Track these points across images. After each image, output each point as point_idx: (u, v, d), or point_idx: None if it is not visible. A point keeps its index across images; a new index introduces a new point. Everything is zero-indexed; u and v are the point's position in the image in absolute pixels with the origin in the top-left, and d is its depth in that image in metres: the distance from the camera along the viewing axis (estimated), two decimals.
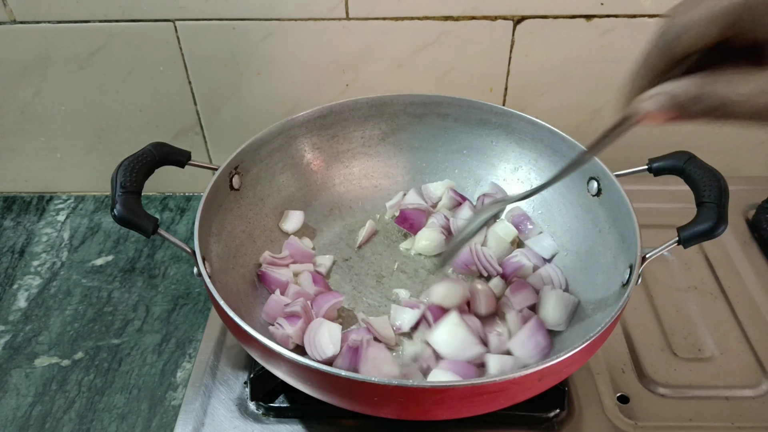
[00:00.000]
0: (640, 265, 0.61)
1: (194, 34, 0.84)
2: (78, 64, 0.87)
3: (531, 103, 0.92)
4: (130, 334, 0.79)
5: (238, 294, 0.71)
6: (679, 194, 0.71)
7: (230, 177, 0.74)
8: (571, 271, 0.76)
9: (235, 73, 0.88)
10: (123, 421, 0.69)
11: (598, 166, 0.72)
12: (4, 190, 1.02)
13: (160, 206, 0.99)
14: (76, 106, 0.91)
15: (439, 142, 0.87)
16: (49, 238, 0.93)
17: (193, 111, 0.92)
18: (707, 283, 0.82)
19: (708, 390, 0.70)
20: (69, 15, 0.82)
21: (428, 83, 0.90)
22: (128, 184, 0.62)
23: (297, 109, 0.85)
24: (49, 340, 0.78)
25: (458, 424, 0.62)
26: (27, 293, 0.84)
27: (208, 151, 0.97)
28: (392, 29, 0.84)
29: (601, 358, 0.72)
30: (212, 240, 0.69)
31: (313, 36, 0.85)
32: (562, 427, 0.66)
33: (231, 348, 0.74)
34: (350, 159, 0.87)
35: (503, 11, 0.83)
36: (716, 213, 0.60)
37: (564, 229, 0.79)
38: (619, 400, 0.69)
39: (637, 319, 0.77)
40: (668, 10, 0.38)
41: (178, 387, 0.72)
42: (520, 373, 0.51)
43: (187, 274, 0.87)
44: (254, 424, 0.66)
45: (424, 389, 0.51)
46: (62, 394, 0.72)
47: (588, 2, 0.82)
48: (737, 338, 0.75)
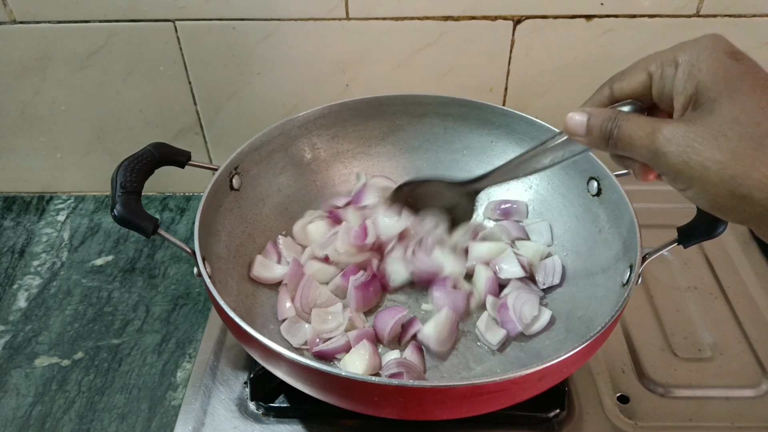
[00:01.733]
0: (640, 265, 0.61)
1: (194, 34, 0.84)
2: (78, 64, 0.87)
3: (531, 103, 0.92)
4: (130, 334, 0.79)
5: (238, 294, 0.71)
6: (679, 194, 0.71)
7: (230, 177, 0.74)
8: (571, 271, 0.76)
9: (235, 73, 0.88)
10: (123, 421, 0.69)
11: (598, 166, 0.72)
12: (4, 190, 1.02)
13: (160, 206, 0.99)
14: (76, 106, 0.91)
15: (439, 142, 0.87)
16: (49, 238, 0.93)
17: (193, 111, 0.92)
18: (707, 283, 0.82)
19: (708, 390, 0.70)
20: (69, 15, 0.82)
21: (428, 83, 0.90)
22: (128, 184, 0.62)
23: (297, 109, 0.85)
24: (49, 340, 0.78)
25: (458, 424, 0.62)
26: (27, 293, 0.84)
27: (208, 151, 0.97)
28: (392, 29, 0.84)
29: (601, 358, 0.72)
30: (212, 240, 0.69)
31: (313, 36, 0.85)
32: (562, 427, 0.66)
33: (231, 348, 0.74)
34: (350, 159, 0.87)
35: (503, 11, 0.83)
36: None
37: (564, 229, 0.79)
38: (619, 400, 0.69)
39: (637, 319, 0.77)
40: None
41: (178, 387, 0.72)
42: (521, 372, 0.51)
43: (187, 274, 0.87)
44: (254, 424, 0.66)
45: (424, 389, 0.51)
46: (62, 394, 0.72)
47: (588, 2, 0.82)
48: (737, 338, 0.75)
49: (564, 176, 0.79)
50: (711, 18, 0.83)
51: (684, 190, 0.43)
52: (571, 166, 0.77)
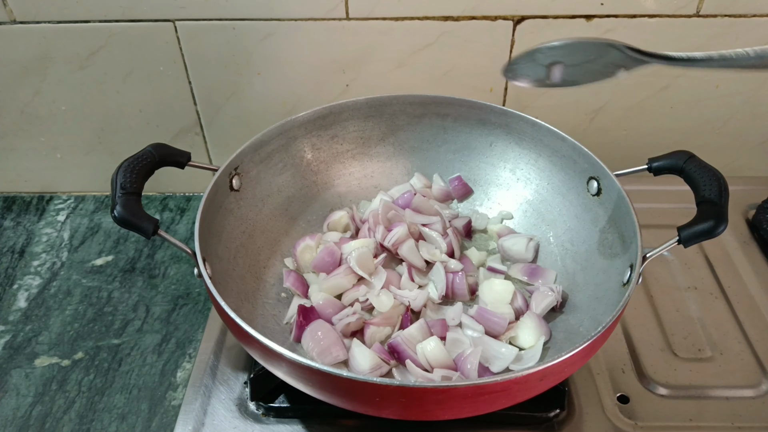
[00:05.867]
0: (640, 264, 0.61)
1: (194, 34, 0.84)
2: (78, 64, 0.87)
3: (531, 103, 0.92)
4: (130, 334, 0.79)
5: (239, 294, 0.71)
6: (679, 194, 0.71)
7: (230, 178, 0.74)
8: (571, 271, 0.76)
9: (235, 73, 0.88)
10: (123, 421, 0.69)
11: (598, 166, 0.72)
12: (4, 190, 1.02)
13: (160, 206, 0.99)
14: (76, 106, 0.91)
15: (439, 142, 0.87)
16: (49, 238, 0.93)
17: (193, 111, 0.92)
18: (707, 282, 0.82)
19: (708, 390, 0.70)
20: (69, 15, 0.82)
21: (428, 83, 0.90)
22: (128, 185, 0.62)
23: (297, 109, 0.85)
24: (49, 340, 0.78)
25: (458, 424, 0.62)
26: (27, 293, 0.84)
27: (208, 151, 0.97)
28: (392, 29, 0.84)
29: (601, 358, 0.72)
30: (212, 241, 0.69)
31: (313, 36, 0.85)
32: (562, 427, 0.66)
33: (231, 348, 0.74)
34: (350, 159, 0.87)
35: (503, 11, 0.83)
36: (716, 212, 0.60)
37: (564, 229, 0.79)
38: (619, 400, 0.69)
39: (637, 319, 0.77)
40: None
41: (178, 387, 0.72)
42: (522, 373, 0.51)
43: (187, 274, 0.87)
44: (254, 424, 0.66)
45: (425, 389, 0.51)
46: (62, 394, 0.72)
47: (588, 2, 0.82)
48: (737, 338, 0.75)
49: (564, 176, 0.79)
50: (711, 18, 0.83)
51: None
52: (571, 165, 0.77)
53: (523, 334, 0.69)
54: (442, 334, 0.69)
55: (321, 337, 0.67)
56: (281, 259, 0.79)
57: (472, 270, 0.78)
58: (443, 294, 0.74)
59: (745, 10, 0.82)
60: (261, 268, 0.77)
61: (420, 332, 0.68)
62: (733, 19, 0.83)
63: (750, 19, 0.83)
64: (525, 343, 0.69)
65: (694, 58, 0.55)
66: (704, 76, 0.88)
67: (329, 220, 0.83)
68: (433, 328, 0.69)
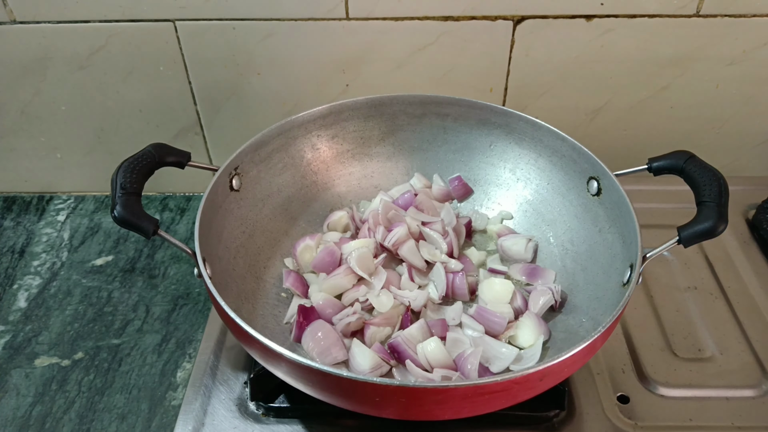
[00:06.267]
0: (640, 264, 0.61)
1: (194, 34, 0.84)
2: (78, 64, 0.87)
3: (531, 103, 0.92)
4: (130, 334, 0.79)
5: (239, 294, 0.71)
6: (679, 194, 0.71)
7: (230, 178, 0.74)
8: (571, 271, 0.76)
9: (235, 73, 0.88)
10: (123, 421, 0.69)
11: (598, 166, 0.72)
12: (4, 190, 1.02)
13: (160, 206, 0.99)
14: (76, 106, 0.91)
15: (439, 142, 0.87)
16: (49, 238, 0.93)
17: (193, 111, 0.92)
18: (707, 282, 0.82)
19: (708, 390, 0.70)
20: (69, 15, 0.82)
21: (428, 83, 0.90)
22: (128, 185, 0.62)
23: (297, 109, 0.85)
24: (49, 340, 0.78)
25: (459, 424, 0.62)
26: (27, 293, 0.84)
27: (208, 151, 0.97)
28: (392, 29, 0.84)
29: (601, 358, 0.72)
30: (212, 241, 0.69)
31: (313, 36, 0.85)
32: (562, 427, 0.66)
33: (231, 348, 0.74)
34: (350, 159, 0.87)
35: (503, 11, 0.83)
36: (716, 212, 0.60)
37: (564, 229, 0.79)
38: (619, 400, 0.69)
39: (637, 319, 0.77)
40: None
41: (178, 387, 0.72)
42: (522, 373, 0.51)
43: (187, 274, 0.87)
44: (254, 424, 0.66)
45: (425, 389, 0.51)
46: (62, 394, 0.72)
47: (588, 2, 0.82)
48: (737, 338, 0.75)
49: (564, 176, 0.79)
50: (711, 18, 0.83)
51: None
52: (571, 165, 0.77)
53: (522, 333, 0.69)
54: (442, 334, 0.69)
55: (321, 337, 0.67)
56: (281, 259, 0.79)
57: (472, 270, 0.78)
58: (443, 294, 0.74)
59: (745, 10, 0.82)
60: (261, 268, 0.77)
61: (420, 332, 0.68)
62: (733, 19, 0.83)
63: (750, 19, 0.83)
64: (524, 342, 0.69)
65: None
66: (704, 76, 0.88)
67: (329, 220, 0.83)
68: (434, 328, 0.69)
